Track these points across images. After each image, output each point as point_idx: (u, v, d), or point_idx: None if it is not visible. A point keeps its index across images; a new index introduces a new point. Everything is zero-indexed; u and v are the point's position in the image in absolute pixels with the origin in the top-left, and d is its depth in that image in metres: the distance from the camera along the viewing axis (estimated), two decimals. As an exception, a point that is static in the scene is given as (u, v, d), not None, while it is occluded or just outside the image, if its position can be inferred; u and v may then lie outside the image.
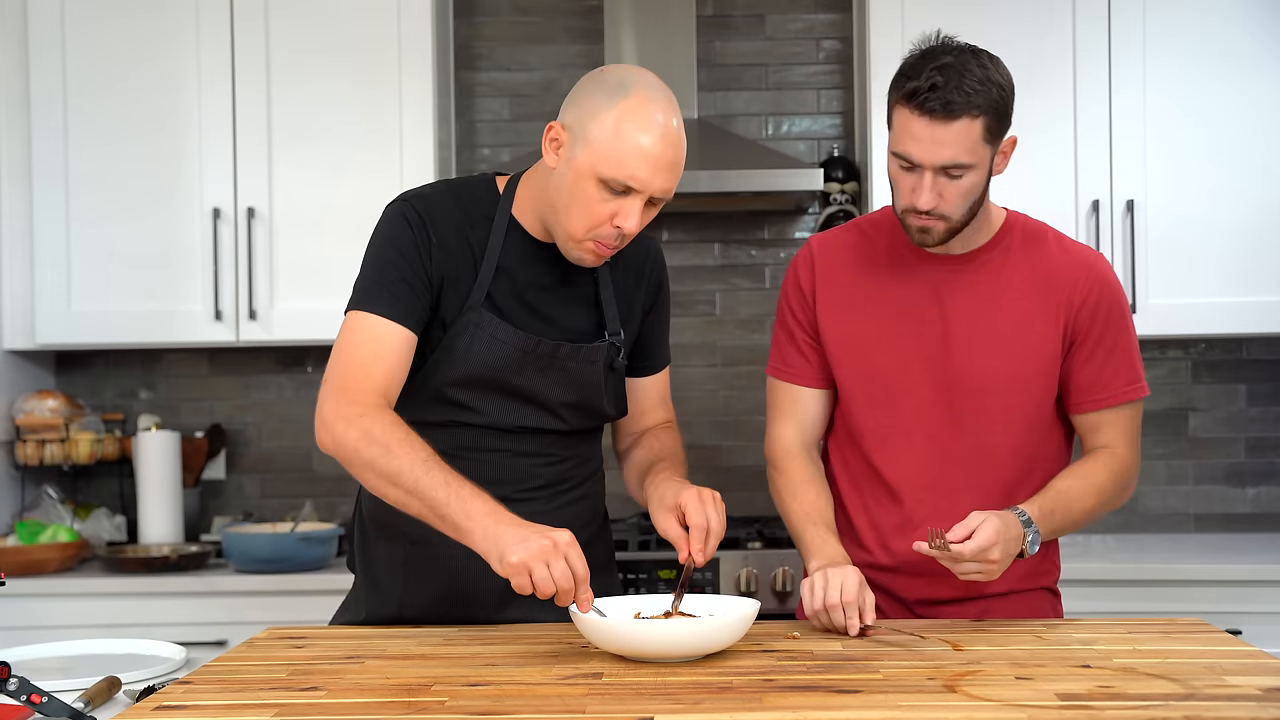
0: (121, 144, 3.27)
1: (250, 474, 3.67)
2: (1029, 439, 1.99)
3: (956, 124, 1.82)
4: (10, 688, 1.53)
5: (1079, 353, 1.97)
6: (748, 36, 3.65)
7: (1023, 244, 2.01)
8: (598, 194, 1.76)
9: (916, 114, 1.83)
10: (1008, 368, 1.96)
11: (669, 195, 1.80)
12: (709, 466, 3.61)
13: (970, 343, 1.97)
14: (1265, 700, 1.41)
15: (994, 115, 1.84)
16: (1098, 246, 3.19)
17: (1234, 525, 3.55)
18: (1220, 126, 3.20)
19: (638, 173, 1.74)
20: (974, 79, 1.82)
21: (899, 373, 1.99)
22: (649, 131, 1.74)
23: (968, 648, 1.70)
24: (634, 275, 2.00)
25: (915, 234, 1.92)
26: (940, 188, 1.86)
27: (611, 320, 1.95)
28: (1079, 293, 1.97)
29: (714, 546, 1.79)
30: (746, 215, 3.63)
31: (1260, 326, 3.21)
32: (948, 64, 1.83)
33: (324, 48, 3.27)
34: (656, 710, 1.40)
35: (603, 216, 1.78)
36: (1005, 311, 1.97)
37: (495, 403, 1.90)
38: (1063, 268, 1.98)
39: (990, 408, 1.97)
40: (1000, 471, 1.99)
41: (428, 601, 1.94)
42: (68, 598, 3.02)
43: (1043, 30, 3.22)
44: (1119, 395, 1.98)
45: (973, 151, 1.84)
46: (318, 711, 1.43)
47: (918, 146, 1.84)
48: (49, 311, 3.28)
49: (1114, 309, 1.98)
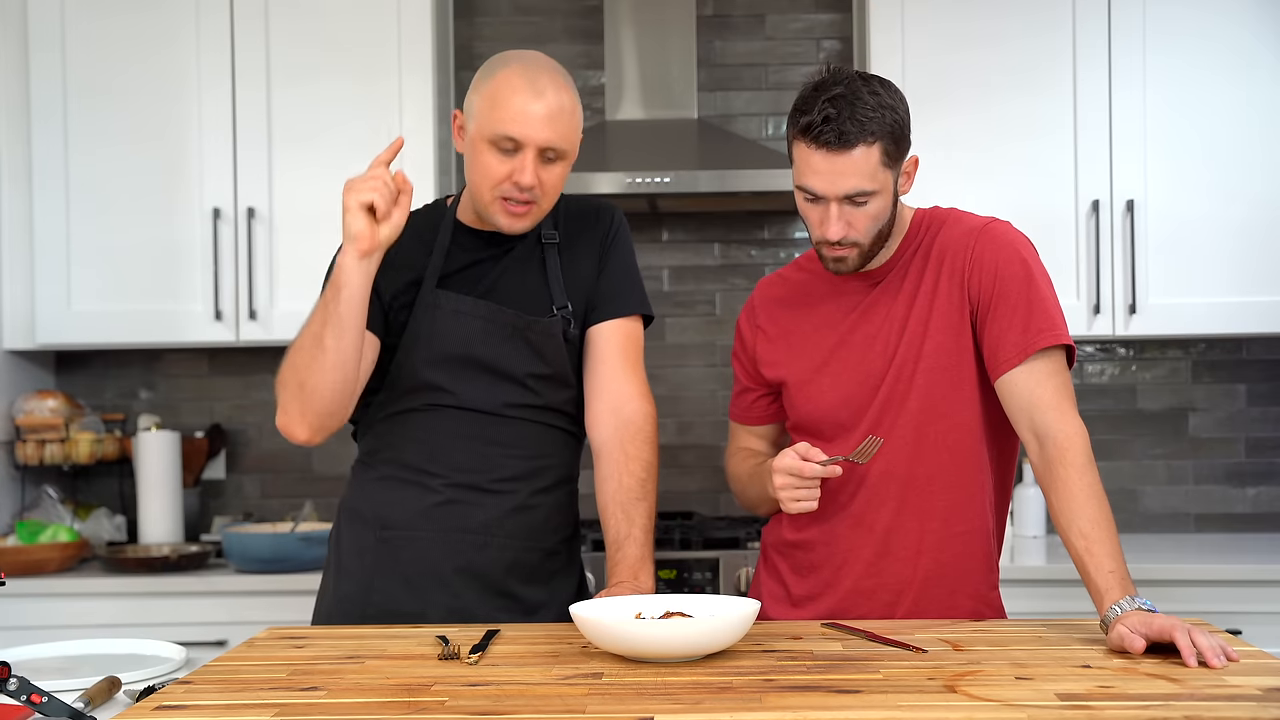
0: (121, 144, 3.27)
1: (250, 474, 3.67)
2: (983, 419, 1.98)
3: (854, 153, 1.86)
4: (10, 688, 1.53)
5: (983, 317, 1.94)
6: (748, 36, 3.65)
7: (927, 237, 2.02)
8: (493, 158, 1.93)
9: (814, 147, 1.87)
10: (932, 364, 1.96)
11: (561, 146, 1.93)
12: (709, 466, 3.62)
13: (894, 351, 1.98)
14: (1265, 700, 1.41)
15: (890, 140, 1.88)
16: (1098, 246, 3.19)
17: (1234, 525, 3.55)
18: (1220, 126, 3.20)
19: (513, 128, 1.90)
20: (866, 107, 1.85)
21: (840, 405, 2.02)
22: (520, 90, 1.91)
23: (968, 648, 1.70)
24: (584, 245, 2.09)
25: (831, 264, 1.97)
26: (847, 216, 1.90)
27: (559, 294, 2.04)
28: (968, 260, 1.95)
29: None
30: (746, 215, 3.63)
31: (1260, 326, 3.21)
32: (839, 95, 1.86)
33: (324, 47, 3.27)
34: (656, 710, 1.40)
35: (501, 175, 1.93)
36: (918, 310, 1.98)
37: (467, 380, 2.00)
38: (954, 242, 1.98)
39: (933, 417, 1.96)
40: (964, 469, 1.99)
41: (395, 586, 2.00)
42: (68, 598, 3.02)
43: (1043, 30, 3.22)
44: (1030, 344, 1.88)
45: (873, 178, 1.87)
46: (318, 711, 1.43)
47: (819, 179, 1.88)
48: (49, 311, 3.28)
49: (1007, 265, 1.93)
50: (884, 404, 1.98)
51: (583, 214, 2.12)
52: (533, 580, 2.05)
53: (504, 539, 2.01)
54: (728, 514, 3.58)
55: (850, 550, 2.01)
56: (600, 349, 2.07)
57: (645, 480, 2.02)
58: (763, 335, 2.13)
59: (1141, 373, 3.60)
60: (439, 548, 2.00)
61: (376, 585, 2.01)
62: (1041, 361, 1.89)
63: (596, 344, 2.07)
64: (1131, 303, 3.19)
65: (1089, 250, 3.20)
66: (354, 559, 2.04)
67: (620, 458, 2.02)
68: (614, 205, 2.16)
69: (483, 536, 2.00)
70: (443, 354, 2.00)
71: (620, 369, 2.06)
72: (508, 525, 2.02)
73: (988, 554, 2.05)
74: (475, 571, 2.01)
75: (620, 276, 2.10)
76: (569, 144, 1.95)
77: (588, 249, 2.09)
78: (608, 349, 2.07)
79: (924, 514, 1.99)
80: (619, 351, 2.07)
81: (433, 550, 1.99)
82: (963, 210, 2.06)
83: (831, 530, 2.03)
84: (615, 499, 2.01)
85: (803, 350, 2.07)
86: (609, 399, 2.05)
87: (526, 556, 2.03)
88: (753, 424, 2.21)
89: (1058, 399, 1.88)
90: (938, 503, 1.99)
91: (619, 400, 2.05)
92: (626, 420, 2.04)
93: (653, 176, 3.16)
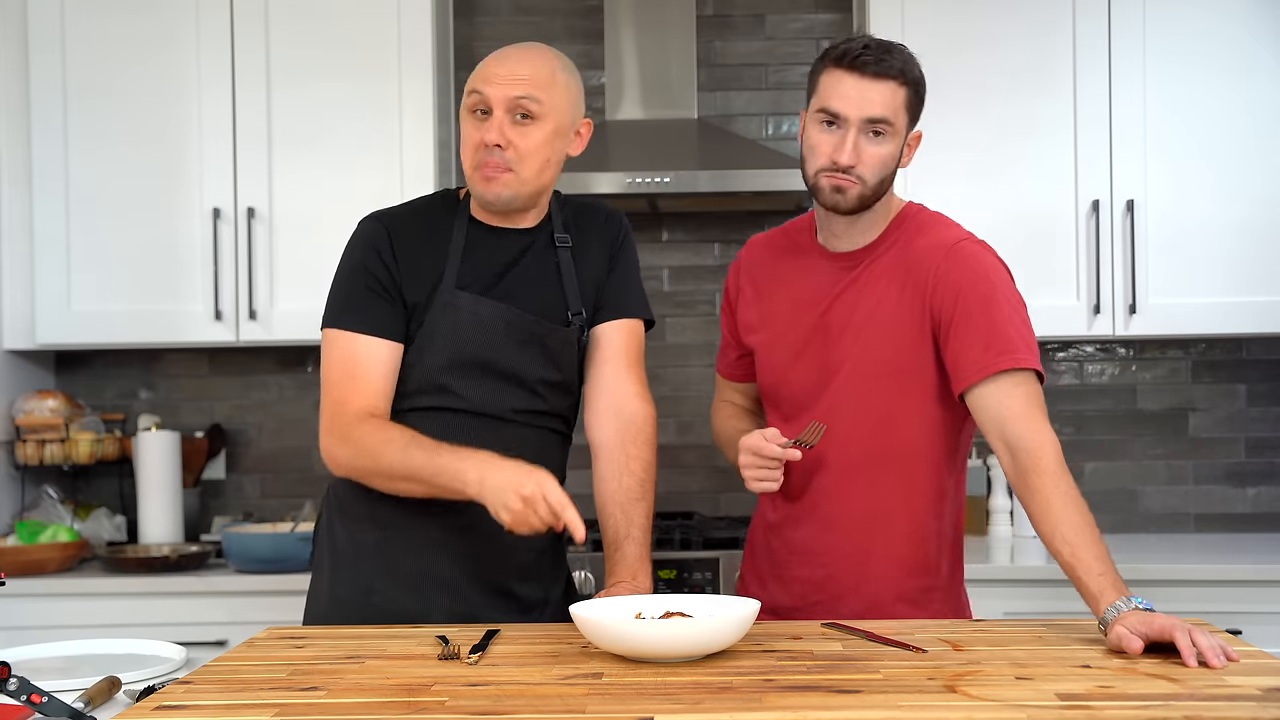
0: (121, 144, 3.27)
1: (250, 474, 3.67)
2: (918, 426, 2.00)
3: (885, 83, 1.94)
4: (10, 688, 1.53)
5: (945, 334, 1.96)
6: (748, 36, 3.65)
7: (905, 236, 2.03)
8: (471, 125, 1.96)
9: (848, 71, 1.94)
10: (871, 359, 1.99)
11: (529, 101, 1.92)
12: (708, 466, 3.62)
13: (842, 337, 2.01)
14: (1265, 700, 1.41)
15: (913, 91, 1.97)
16: (1098, 246, 3.19)
17: (1234, 525, 3.55)
18: (1220, 126, 3.20)
19: (478, 82, 1.94)
20: (901, 53, 1.97)
21: (799, 386, 2.05)
22: (494, 55, 1.97)
23: (968, 648, 1.70)
24: (595, 249, 2.10)
25: (828, 194, 1.98)
26: (861, 147, 1.94)
27: (574, 300, 2.04)
28: (932, 275, 1.97)
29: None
30: (746, 215, 3.63)
31: (1260, 326, 3.21)
32: (878, 40, 1.98)
33: (324, 47, 3.27)
34: (656, 710, 1.40)
35: (476, 140, 1.95)
36: (880, 314, 1.99)
37: (477, 384, 1.98)
38: (924, 253, 2.00)
39: (872, 402, 1.99)
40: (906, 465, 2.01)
41: (396, 587, 2.00)
42: (68, 598, 3.02)
43: (1043, 30, 3.22)
44: (989, 365, 1.89)
45: (896, 114, 1.95)
46: (318, 711, 1.43)
47: (845, 102, 1.94)
48: (49, 311, 3.28)
49: (970, 287, 1.95)
50: (839, 396, 2.01)
51: (590, 214, 2.12)
52: (530, 578, 2.06)
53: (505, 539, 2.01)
54: (728, 514, 3.58)
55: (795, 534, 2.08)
56: (604, 349, 2.08)
57: (644, 480, 2.03)
58: (744, 297, 2.17)
59: (1141, 373, 3.60)
60: (442, 548, 2.00)
61: (377, 587, 2.01)
62: (1007, 376, 1.90)
63: (600, 344, 2.08)
64: (1131, 303, 3.19)
65: (1089, 250, 3.21)
66: (351, 560, 2.03)
67: (620, 457, 2.03)
68: (619, 210, 2.17)
69: (484, 536, 2.01)
70: (458, 356, 1.98)
71: (623, 370, 2.07)
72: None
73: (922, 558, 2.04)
74: (478, 572, 2.01)
75: (627, 281, 2.11)
76: (541, 100, 1.93)
77: (598, 251, 2.09)
78: (611, 350, 2.07)
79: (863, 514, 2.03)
80: (622, 352, 2.08)
81: (436, 551, 1.99)
82: (948, 218, 2.07)
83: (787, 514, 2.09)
84: (614, 499, 2.01)
85: (775, 324, 2.10)
86: (611, 399, 2.06)
87: (524, 555, 2.04)
88: (735, 380, 2.26)
89: (1028, 409, 1.88)
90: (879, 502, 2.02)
91: (620, 400, 2.05)
92: (627, 421, 2.05)
93: (653, 176, 3.16)
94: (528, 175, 1.95)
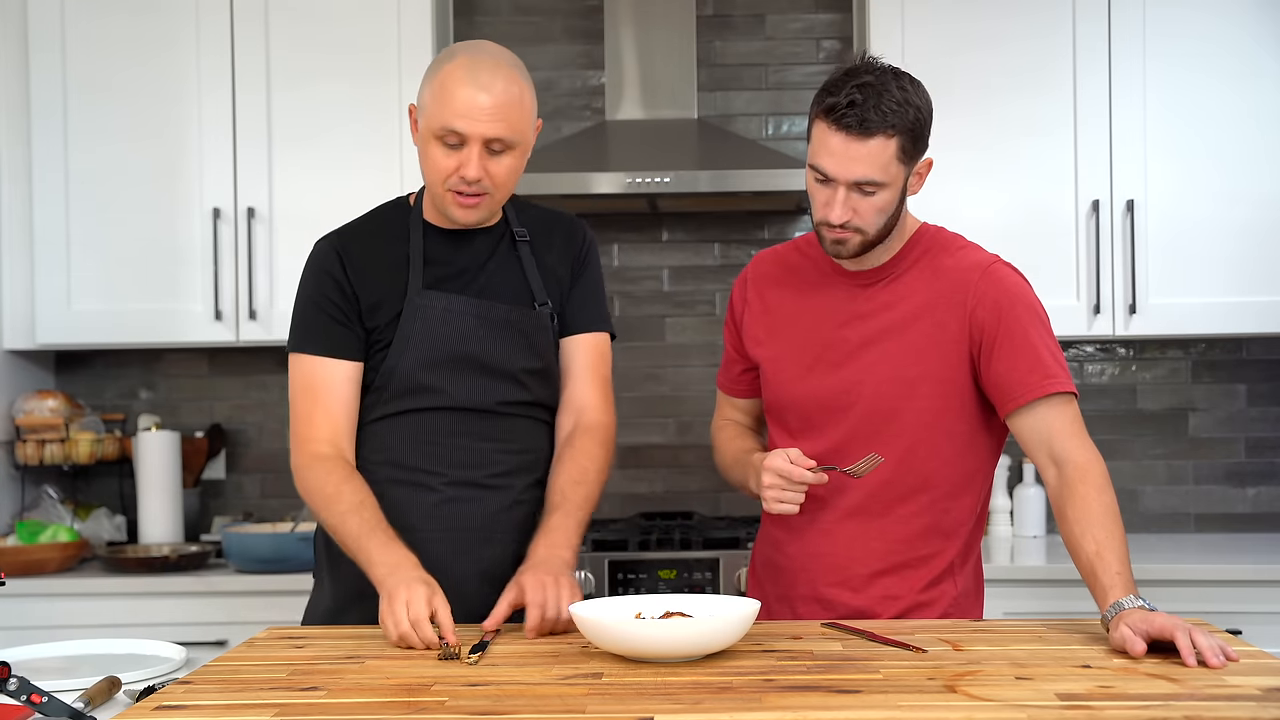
0: (121, 143, 3.27)
1: (250, 474, 3.67)
2: (947, 448, 1.99)
3: (871, 142, 1.86)
4: (10, 688, 1.53)
5: (985, 356, 1.95)
6: (748, 36, 3.65)
7: (928, 256, 2.02)
8: (440, 151, 1.93)
9: (834, 129, 1.87)
10: (904, 380, 1.96)
11: (507, 137, 1.91)
12: (709, 466, 3.60)
13: (868, 358, 1.98)
14: (1265, 700, 1.41)
15: (909, 136, 1.88)
16: (1098, 246, 3.19)
17: (1234, 525, 3.55)
18: (1220, 127, 3.20)
19: (455, 121, 1.90)
20: (892, 100, 1.86)
21: (813, 402, 2.02)
22: (463, 83, 1.90)
23: (968, 648, 1.70)
24: (558, 252, 2.11)
25: (829, 245, 1.96)
26: (854, 203, 1.90)
27: (539, 290, 2.07)
28: (972, 295, 1.96)
29: (545, 627, 1.83)
30: (746, 215, 3.63)
31: (1260, 326, 3.21)
32: (868, 83, 1.87)
33: (324, 47, 3.27)
34: (656, 710, 1.40)
35: (449, 168, 1.93)
36: (916, 333, 1.97)
37: (458, 378, 2.01)
38: (957, 273, 1.98)
39: (898, 424, 1.97)
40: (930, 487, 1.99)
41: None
42: (68, 598, 3.02)
43: (1043, 30, 3.22)
44: (1033, 390, 1.91)
45: (885, 170, 1.88)
46: (318, 711, 1.43)
47: (832, 161, 1.88)
48: (49, 311, 3.28)
49: (1011, 308, 1.95)
50: (867, 416, 1.98)
51: (553, 220, 2.14)
52: None
53: (504, 534, 2.02)
54: (728, 514, 3.58)
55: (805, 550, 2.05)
56: (569, 362, 2.11)
57: (589, 470, 2.04)
58: (750, 311, 2.14)
59: (1141, 373, 3.60)
60: (445, 547, 1.99)
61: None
62: (1053, 397, 1.92)
63: (566, 356, 2.11)
64: (1131, 303, 3.19)
65: (1089, 250, 3.21)
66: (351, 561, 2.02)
67: (570, 451, 2.06)
68: (582, 220, 2.18)
69: (485, 533, 2.01)
70: (436, 355, 2.00)
71: (589, 382, 2.11)
72: (505, 520, 2.03)
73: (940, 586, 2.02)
74: (482, 569, 2.01)
75: (593, 294, 2.14)
76: (515, 135, 1.93)
77: (561, 256, 2.11)
78: (575, 364, 2.11)
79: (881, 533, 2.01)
80: (589, 366, 2.12)
81: (440, 550, 1.98)
82: (965, 239, 2.06)
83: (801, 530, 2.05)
84: (556, 482, 2.04)
85: (786, 338, 2.08)
86: (573, 407, 2.10)
87: (524, 550, 2.03)
88: (738, 396, 2.23)
89: (1075, 428, 1.92)
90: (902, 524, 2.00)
91: (582, 408, 2.10)
92: (586, 425, 2.09)
93: (653, 176, 3.16)
94: (500, 197, 1.99)
